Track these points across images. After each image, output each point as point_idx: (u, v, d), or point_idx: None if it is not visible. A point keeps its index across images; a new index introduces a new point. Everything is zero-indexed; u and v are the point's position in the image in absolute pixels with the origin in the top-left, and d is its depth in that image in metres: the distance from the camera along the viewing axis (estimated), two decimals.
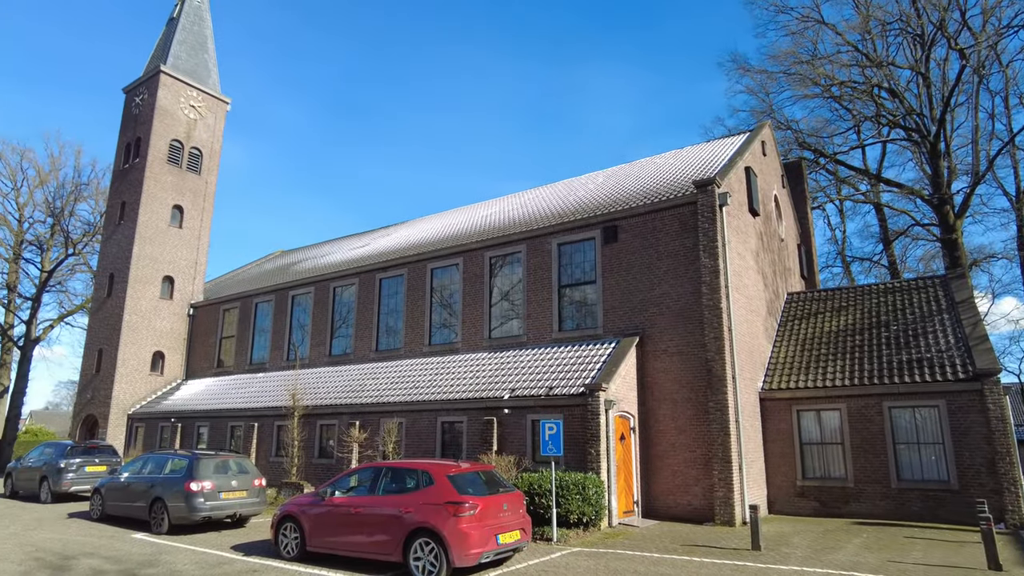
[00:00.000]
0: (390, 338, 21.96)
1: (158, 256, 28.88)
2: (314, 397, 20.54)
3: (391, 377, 19.95)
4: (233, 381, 26.14)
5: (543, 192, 24.92)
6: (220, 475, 13.77)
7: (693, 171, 18.63)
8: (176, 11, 33.34)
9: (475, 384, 17.19)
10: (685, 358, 15.46)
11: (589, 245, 17.77)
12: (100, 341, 28.45)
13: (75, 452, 19.18)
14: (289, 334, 25.36)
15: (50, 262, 39.48)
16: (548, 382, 15.62)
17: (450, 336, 20.24)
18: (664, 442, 15.41)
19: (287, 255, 36.14)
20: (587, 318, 17.38)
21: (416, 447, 17.46)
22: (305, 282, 25.26)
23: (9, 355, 38.42)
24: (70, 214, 39.89)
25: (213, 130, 32.01)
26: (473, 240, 20.34)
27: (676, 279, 15.96)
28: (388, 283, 22.55)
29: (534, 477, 13.04)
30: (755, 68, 32.79)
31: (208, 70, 32.85)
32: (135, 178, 29.35)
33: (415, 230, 27.27)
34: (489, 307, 19.41)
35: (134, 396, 27.46)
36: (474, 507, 9.09)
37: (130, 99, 31.91)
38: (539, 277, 18.41)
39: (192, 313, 29.78)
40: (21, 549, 11.30)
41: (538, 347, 17.75)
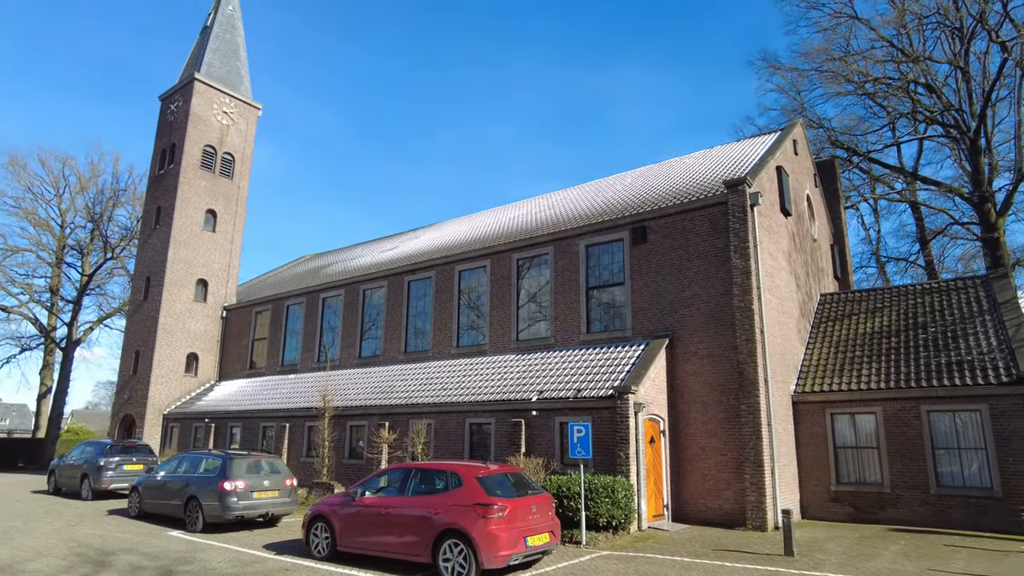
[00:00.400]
0: (418, 340, 22.10)
1: (192, 260, 29.50)
2: (344, 398, 20.76)
3: (420, 379, 20.07)
4: (265, 382, 26.56)
5: (571, 193, 24.85)
6: (253, 475, 13.99)
7: (723, 171, 18.40)
8: (210, 20, 34.09)
9: (503, 386, 17.20)
10: (716, 360, 15.26)
11: (617, 246, 17.65)
12: (137, 343, 29.15)
13: (114, 451, 19.68)
14: (320, 336, 25.68)
15: (90, 266, 40.64)
16: (576, 384, 15.56)
17: (478, 338, 20.29)
18: (694, 445, 15.23)
19: (318, 258, 36.62)
20: (615, 320, 17.27)
21: (445, 448, 17.53)
22: (335, 285, 25.56)
23: (52, 356, 39.64)
24: (109, 219, 41.06)
25: (245, 135, 32.60)
26: (500, 242, 20.37)
27: (707, 280, 15.77)
28: (416, 285, 22.69)
29: (562, 480, 13.00)
30: (786, 66, 32.32)
31: (240, 77, 33.48)
32: (170, 183, 30.03)
33: (443, 233, 27.41)
34: (516, 309, 19.41)
35: (169, 397, 28.08)
36: (503, 509, 9.09)
37: (165, 106, 32.68)
38: (567, 279, 18.35)
39: (225, 315, 30.35)
40: (64, 544, 11.63)
41: (566, 349, 17.69)
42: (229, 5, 34.38)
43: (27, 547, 11.36)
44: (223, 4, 34.05)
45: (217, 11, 33.85)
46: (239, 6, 34.98)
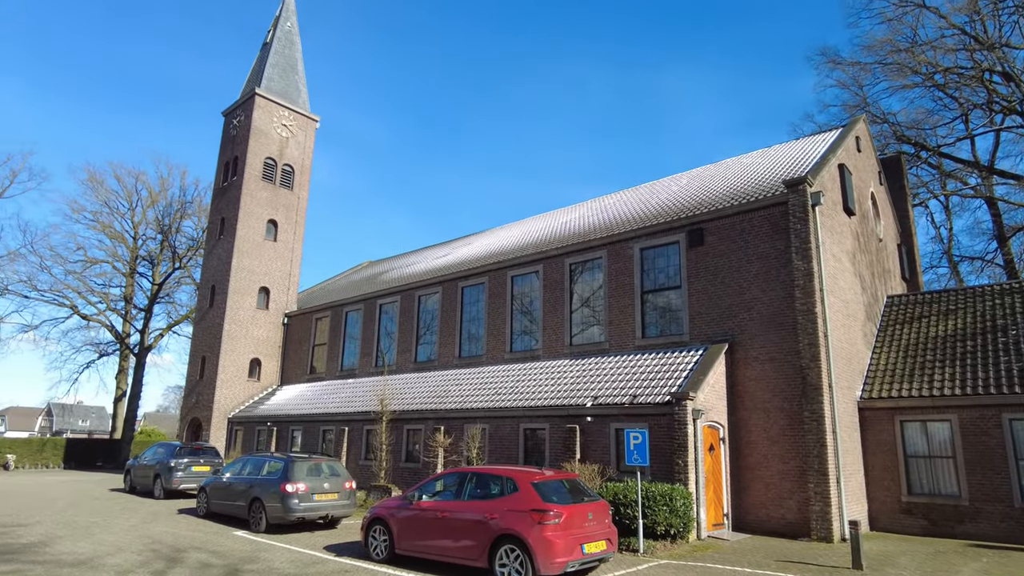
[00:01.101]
0: (472, 345, 22.26)
1: (255, 268, 30.55)
2: (401, 402, 21.09)
3: (474, 383, 20.20)
4: (325, 387, 27.24)
5: (624, 196, 24.62)
6: (313, 477, 14.35)
7: (782, 170, 17.90)
8: (269, 36, 35.37)
9: (557, 391, 17.14)
10: (778, 365, 14.81)
11: (673, 249, 17.38)
12: (203, 349, 30.37)
13: (183, 453, 20.52)
14: (377, 341, 26.18)
15: (160, 275, 42.60)
16: (632, 390, 15.37)
17: (531, 343, 20.29)
18: (756, 453, 14.81)
19: (374, 265, 37.38)
20: (672, 324, 16.98)
21: (499, 453, 17.59)
22: (391, 291, 26.03)
23: (126, 362, 41.68)
24: (176, 230, 42.98)
25: (304, 147, 33.61)
26: (553, 247, 20.34)
27: (767, 283, 15.34)
28: (470, 291, 22.88)
29: (619, 487, 12.85)
30: (847, 60, 31.20)
31: (298, 90, 34.57)
32: (233, 195, 31.22)
33: (495, 239, 27.57)
34: (570, 314, 19.33)
35: (234, 401, 29.11)
36: (559, 515, 9.05)
37: (228, 121, 34.02)
38: (621, 283, 18.17)
39: (286, 322, 31.31)
40: (140, 541, 12.19)
41: (621, 354, 17.50)
42: (287, 22, 35.60)
43: (107, 542, 11.96)
44: (282, 21, 35.30)
45: (276, 28, 35.11)
46: (297, 23, 36.19)
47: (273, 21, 35.84)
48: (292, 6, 36.32)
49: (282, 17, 35.45)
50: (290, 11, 36.06)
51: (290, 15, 35.95)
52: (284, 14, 35.62)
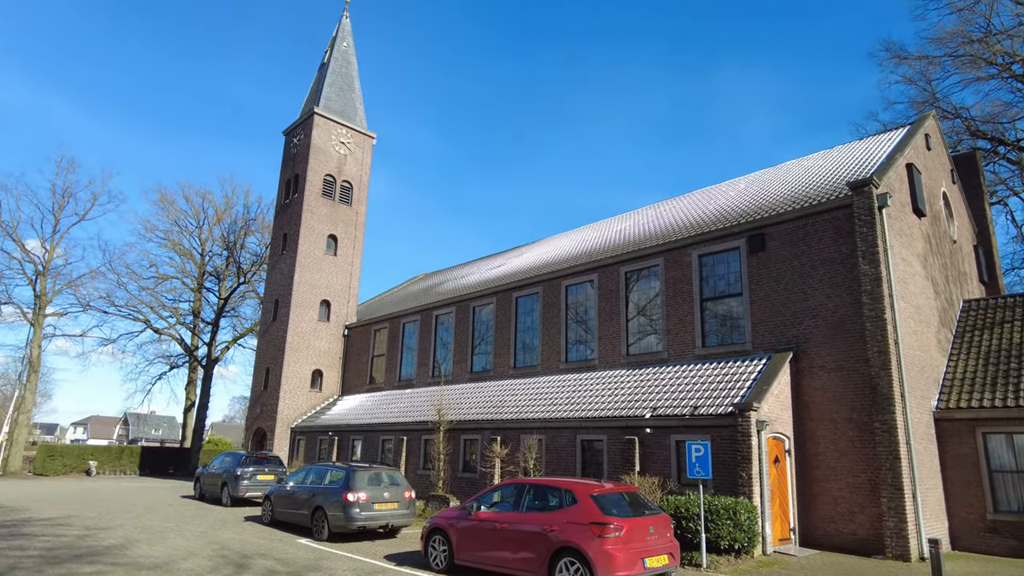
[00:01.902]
0: (527, 355, 22.25)
1: (316, 282, 31.42)
2: (457, 412, 21.23)
3: (529, 394, 20.16)
4: (384, 397, 27.69)
5: (680, 202, 24.23)
6: (374, 487, 14.56)
7: (846, 172, 17.27)
8: (327, 57, 36.50)
9: (614, 402, 16.92)
10: (845, 374, 14.23)
11: (733, 255, 16.97)
12: (267, 360, 31.35)
13: (249, 461, 21.18)
14: (433, 352, 26.48)
15: (225, 290, 44.31)
16: (692, 401, 15.03)
17: (586, 353, 20.13)
18: (823, 466, 14.23)
19: (429, 277, 37.89)
20: (733, 333, 16.55)
21: (556, 464, 17.46)
22: (446, 302, 26.31)
23: (195, 373, 43.47)
24: (241, 247, 44.67)
25: (361, 163, 34.46)
26: (607, 255, 20.17)
27: (832, 289, 14.79)
28: (524, 301, 22.90)
29: (680, 500, 12.55)
30: (913, 55, 29.91)
31: (355, 108, 35.51)
32: (295, 212, 32.23)
33: (548, 248, 27.55)
34: (625, 323, 19.08)
35: (296, 411, 29.91)
36: (619, 528, 8.90)
37: (289, 140, 35.21)
38: (679, 291, 17.84)
39: (346, 334, 32.03)
40: (210, 546, 12.61)
41: (680, 364, 17.16)
42: (344, 42, 36.68)
43: (180, 547, 12.42)
44: (338, 42, 36.39)
45: (333, 48, 36.21)
46: (352, 43, 37.23)
47: (330, 42, 36.98)
48: (348, 27, 37.41)
49: (338, 38, 36.55)
50: (346, 32, 37.16)
51: (346, 35, 37.03)
52: (340, 35, 36.73)
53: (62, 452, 36.51)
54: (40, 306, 37.13)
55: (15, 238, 37.18)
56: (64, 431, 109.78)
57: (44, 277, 37.49)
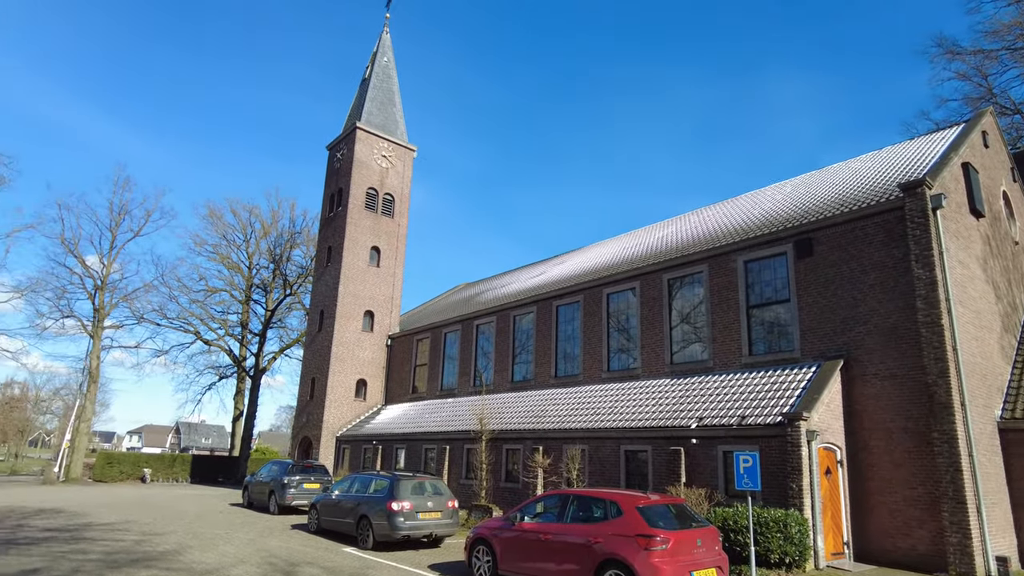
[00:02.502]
0: (568, 364, 22.11)
1: (359, 293, 31.92)
2: (499, 422, 21.20)
3: (571, 403, 20.02)
4: (426, 406, 27.88)
5: (724, 208, 23.82)
6: (418, 496, 14.62)
7: (897, 173, 16.72)
8: (368, 72, 37.22)
9: (658, 412, 16.67)
10: (899, 383, 13.70)
11: (780, 261, 16.57)
12: (313, 370, 31.93)
13: (295, 470, 21.54)
14: (474, 361, 26.56)
15: (272, 302, 45.35)
16: (739, 410, 14.69)
17: (629, 362, 19.89)
18: (878, 477, 13.71)
19: (470, 287, 38.09)
20: (781, 340, 16.14)
21: (599, 475, 17.27)
22: (487, 312, 26.38)
23: (243, 383, 44.53)
24: (287, 259, 45.69)
25: (402, 176, 34.96)
26: (649, 262, 19.94)
27: (884, 294, 14.29)
28: (564, 310, 22.80)
29: (728, 512, 12.25)
30: (967, 49, 28.84)
31: (396, 122, 36.08)
32: (339, 224, 32.85)
33: (589, 256, 27.40)
34: (669, 331, 18.80)
35: (341, 420, 30.35)
36: (665, 541, 8.72)
37: (332, 155, 35.97)
38: (724, 298, 17.51)
39: (389, 343, 32.41)
40: (258, 554, 12.84)
41: (726, 372, 16.81)
42: (384, 57, 37.35)
43: (229, 554, 12.69)
44: (379, 57, 37.07)
45: (374, 64, 36.91)
46: (393, 58, 37.87)
47: (371, 58, 37.69)
48: (388, 42, 38.08)
49: (379, 53, 37.24)
50: (386, 47, 37.83)
51: (386, 51, 37.70)
52: (381, 50, 37.42)
53: (119, 460, 37.84)
54: (99, 319, 38.65)
55: (76, 254, 38.89)
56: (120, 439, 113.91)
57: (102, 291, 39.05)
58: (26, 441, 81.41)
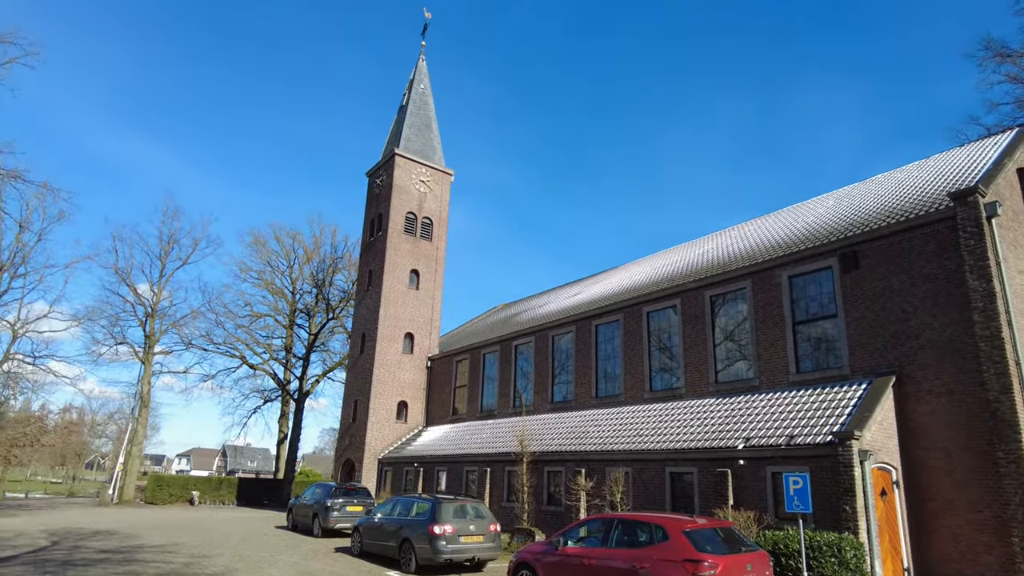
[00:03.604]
0: (609, 384, 21.84)
1: (399, 316, 32.26)
2: (540, 443, 21.01)
3: (613, 424, 19.73)
4: (466, 428, 27.84)
5: (766, 222, 23.37)
6: (459, 519, 14.53)
7: (946, 181, 16.18)
8: (405, 99, 37.98)
9: (703, 432, 16.29)
10: (957, 399, 13.11)
11: (825, 275, 16.14)
12: (355, 393, 32.26)
13: (338, 493, 21.66)
14: (514, 382, 26.47)
15: (315, 326, 46.13)
16: (788, 430, 14.24)
17: (671, 381, 19.55)
18: (938, 499, 13.08)
19: (508, 307, 38.13)
20: (829, 357, 15.65)
21: (644, 498, 16.91)
22: (525, 332, 26.31)
23: (287, 407, 45.26)
24: (329, 284, 46.51)
25: (440, 200, 35.41)
26: (690, 279, 19.65)
27: (937, 307, 13.75)
28: (604, 329, 22.58)
29: (779, 536, 11.84)
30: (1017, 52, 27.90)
31: (433, 147, 36.65)
32: (379, 249, 33.36)
33: (628, 274, 27.16)
34: (712, 349, 18.43)
35: (383, 442, 30.51)
36: (714, 566, 8.45)
37: (372, 181, 36.69)
38: (769, 314, 17.10)
39: (429, 365, 32.59)
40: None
41: (773, 391, 16.36)
42: (421, 84, 38.08)
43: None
44: (416, 83, 37.82)
45: (411, 91, 37.67)
46: (429, 84, 38.60)
47: (408, 84, 38.50)
48: (424, 69, 38.84)
49: (416, 80, 38.00)
50: (422, 74, 38.58)
51: (423, 77, 38.45)
52: (417, 77, 38.18)
53: (169, 482, 38.74)
54: (149, 345, 39.88)
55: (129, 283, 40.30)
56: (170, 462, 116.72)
57: (153, 318, 40.32)
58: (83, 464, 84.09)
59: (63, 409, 69.13)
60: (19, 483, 69.83)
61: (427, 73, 38.87)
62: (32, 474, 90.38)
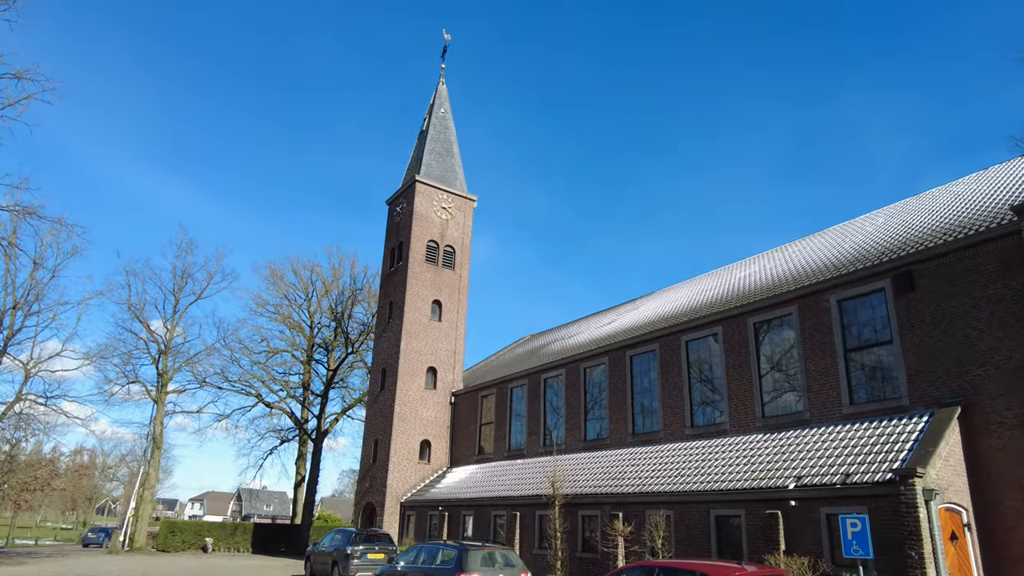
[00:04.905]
0: (646, 420, 21.53)
1: (421, 349, 32.34)
2: (573, 485, 20.70)
3: (652, 463, 19.38)
4: (493, 468, 27.58)
5: (811, 242, 23.09)
6: (488, 568, 14.30)
7: (1008, 194, 15.84)
8: (425, 124, 38.66)
9: (750, 471, 15.90)
10: None
11: (878, 298, 15.80)
12: (375, 432, 32.26)
13: (359, 539, 21.52)
14: (544, 419, 26.23)
15: (334, 361, 46.46)
16: (842, 467, 13.83)
17: (714, 415, 19.20)
18: (1017, 543, 12.52)
19: (536, 338, 38.00)
20: (885, 386, 15.24)
21: (687, 544, 16.49)
22: (555, 364, 26.15)
23: (305, 447, 45.40)
24: (348, 317, 46.91)
25: (463, 227, 35.72)
26: (732, 305, 19.41)
27: (1004, 331, 13.34)
28: (639, 360, 22.35)
29: None
30: None
31: (455, 173, 37.11)
32: (399, 279, 33.66)
33: (664, 300, 26.94)
34: (758, 379, 18.09)
35: (405, 484, 30.34)
36: None
37: (392, 209, 37.21)
38: (817, 341, 16.77)
39: (453, 401, 32.51)
40: None
41: (824, 425, 15.95)
42: (441, 108, 38.77)
43: None
44: (436, 108, 38.52)
45: (431, 116, 38.35)
46: (450, 108, 39.26)
47: (428, 110, 39.22)
48: (444, 93, 39.56)
49: (435, 105, 38.70)
50: (442, 98, 39.28)
51: (443, 102, 39.14)
52: (437, 102, 38.89)
53: (181, 528, 38.90)
54: (162, 384, 40.48)
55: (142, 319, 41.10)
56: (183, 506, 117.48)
57: (166, 356, 40.98)
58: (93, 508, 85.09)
59: (74, 451, 70.32)
60: (28, 529, 70.78)
61: (447, 97, 39.57)
62: (42, 519, 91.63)
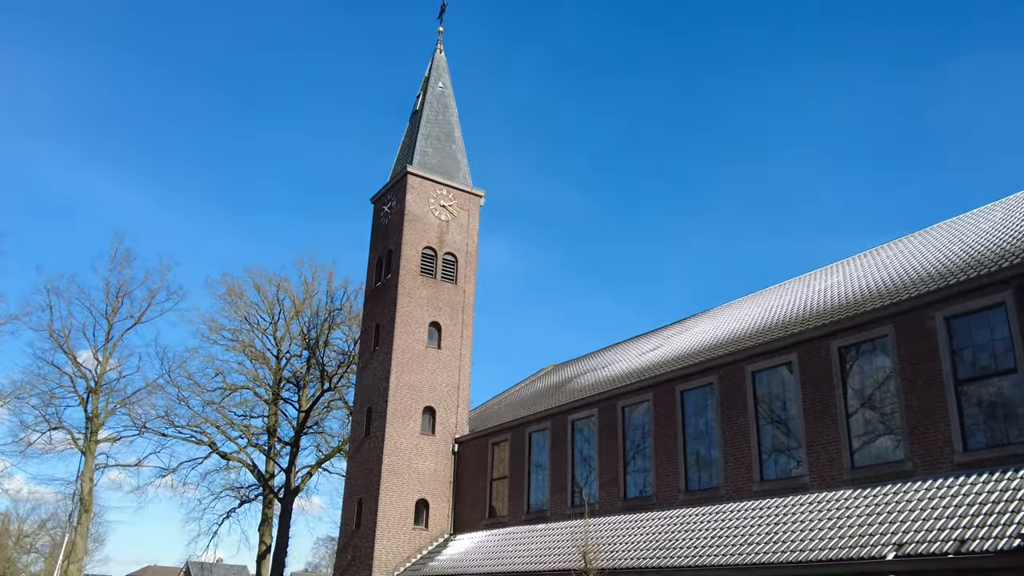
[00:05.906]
0: (703, 472, 21.36)
1: (416, 384, 32.30)
2: (611, 557, 20.54)
3: (710, 528, 19.23)
4: (509, 535, 27.42)
5: (909, 244, 22.99)
6: None
7: None
8: (419, 103, 38.75)
9: (837, 537, 15.70)
10: None
11: (997, 314, 15.58)
12: (359, 489, 32.16)
13: None
14: (571, 471, 26.05)
15: (307, 400, 46.66)
16: (956, 531, 13.60)
17: (790, 466, 19.01)
18: None
19: (560, 369, 37.94)
20: (1009, 428, 15.01)
21: None
22: (585, 403, 26.04)
23: (271, 509, 45.40)
24: (324, 344, 47.14)
25: (467, 229, 35.77)
26: (810, 325, 19.28)
27: None
28: (692, 396, 22.23)
29: None
30: None
31: (457, 162, 37.22)
32: (388, 297, 33.73)
33: (722, 320, 26.88)
34: (845, 420, 17.90)
35: (397, 556, 30.15)
36: None
37: (378, 209, 37.41)
38: (920, 370, 16.57)
39: (456, 449, 32.41)
40: None
41: (931, 477, 15.73)
42: (439, 82, 38.89)
43: None
44: (432, 83, 38.60)
45: (426, 92, 38.41)
46: (450, 82, 39.39)
47: (422, 84, 39.31)
48: (443, 63, 39.72)
49: (432, 78, 38.81)
50: (441, 69, 39.42)
51: (442, 74, 39.29)
52: (435, 73, 39.01)
53: None
54: (92, 430, 40.76)
55: (66, 349, 41.54)
56: None
57: (96, 394, 41.32)
58: None
59: None
60: None
61: (447, 68, 39.77)
62: None
